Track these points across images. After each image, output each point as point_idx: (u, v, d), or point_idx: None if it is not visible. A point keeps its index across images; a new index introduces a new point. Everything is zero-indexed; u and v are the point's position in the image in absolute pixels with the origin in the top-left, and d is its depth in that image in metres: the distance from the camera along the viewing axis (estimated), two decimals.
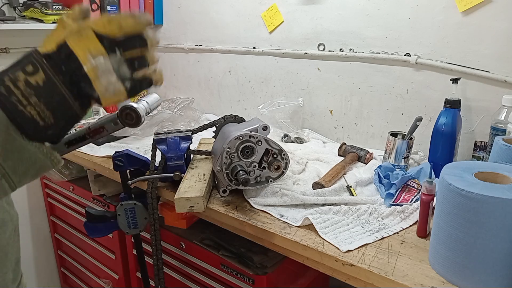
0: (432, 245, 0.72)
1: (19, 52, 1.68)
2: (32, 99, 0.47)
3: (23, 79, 0.48)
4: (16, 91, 0.47)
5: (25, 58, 0.49)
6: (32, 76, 0.48)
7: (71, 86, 0.49)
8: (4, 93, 0.46)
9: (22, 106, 0.46)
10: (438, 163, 1.03)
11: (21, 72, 0.48)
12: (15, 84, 0.47)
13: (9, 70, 0.48)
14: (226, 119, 1.11)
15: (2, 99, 0.46)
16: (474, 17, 1.09)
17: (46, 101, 0.48)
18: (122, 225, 1.15)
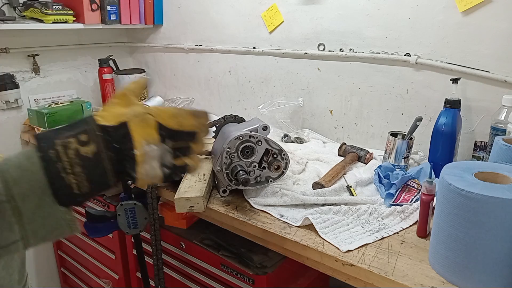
0: (432, 245, 0.72)
1: (19, 52, 1.69)
2: (76, 169, 0.47)
3: (74, 147, 0.47)
4: (64, 158, 0.46)
5: (82, 125, 0.49)
6: (84, 146, 0.48)
7: (115, 163, 0.50)
8: (52, 157, 0.46)
9: (65, 173, 0.46)
10: (438, 163, 1.03)
11: (74, 139, 0.48)
12: (65, 151, 0.47)
13: (62, 132, 0.48)
14: (226, 119, 1.11)
15: (48, 163, 0.45)
16: (474, 17, 1.09)
17: (89, 173, 0.48)
18: (122, 225, 1.15)
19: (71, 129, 0.49)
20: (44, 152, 0.46)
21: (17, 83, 1.67)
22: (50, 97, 1.82)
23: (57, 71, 1.85)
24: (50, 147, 0.46)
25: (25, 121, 1.72)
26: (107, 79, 1.88)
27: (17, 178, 0.43)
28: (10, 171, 0.43)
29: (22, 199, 0.43)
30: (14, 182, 0.43)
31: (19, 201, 0.43)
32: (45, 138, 0.47)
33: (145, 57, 2.07)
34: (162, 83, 2.04)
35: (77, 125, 0.49)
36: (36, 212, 0.45)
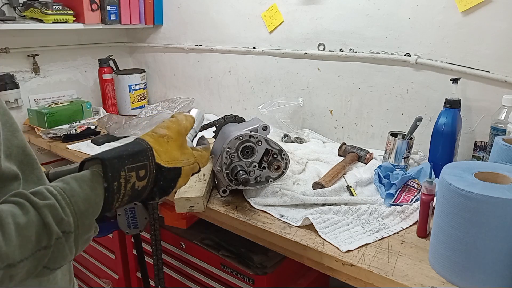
0: (432, 245, 0.72)
1: (19, 52, 1.69)
2: (124, 198, 0.53)
3: (133, 182, 0.53)
4: (122, 191, 0.52)
5: (142, 157, 0.55)
6: (139, 181, 0.54)
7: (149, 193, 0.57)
8: (114, 189, 0.51)
9: (116, 202, 0.52)
10: (438, 163, 1.03)
11: (135, 173, 0.53)
12: (126, 184, 0.52)
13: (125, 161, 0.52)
14: (226, 119, 1.11)
15: (109, 194, 0.50)
16: (474, 17, 1.09)
17: (129, 201, 0.54)
18: (122, 225, 1.15)
19: (132, 159, 0.53)
20: (109, 184, 0.50)
21: (17, 83, 1.67)
22: (50, 97, 1.82)
23: (57, 71, 1.85)
24: (115, 179, 0.51)
25: (25, 121, 1.73)
26: (107, 79, 1.88)
27: (84, 211, 0.47)
28: (78, 204, 0.47)
29: (84, 228, 0.47)
30: (81, 215, 0.47)
31: (82, 231, 0.47)
32: (112, 168, 0.51)
33: (145, 57, 2.07)
34: (162, 83, 2.04)
35: (137, 155, 0.54)
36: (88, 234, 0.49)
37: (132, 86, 1.84)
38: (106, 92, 1.90)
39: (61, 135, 1.53)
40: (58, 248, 0.44)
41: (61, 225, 0.44)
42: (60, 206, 0.45)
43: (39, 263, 0.43)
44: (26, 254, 0.41)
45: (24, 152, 0.51)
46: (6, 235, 0.39)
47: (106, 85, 1.89)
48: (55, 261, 0.45)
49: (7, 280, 0.40)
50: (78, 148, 1.44)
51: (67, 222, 0.45)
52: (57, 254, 0.44)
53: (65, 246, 0.45)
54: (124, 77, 1.83)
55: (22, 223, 0.41)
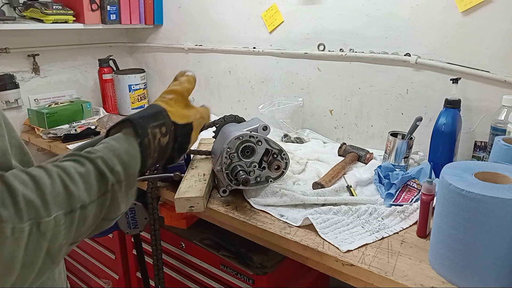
0: (432, 245, 0.72)
1: (19, 52, 1.69)
2: (155, 154, 0.61)
3: (158, 138, 0.61)
4: (152, 146, 0.59)
5: (160, 117, 0.62)
6: (163, 137, 0.62)
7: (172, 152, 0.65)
8: (146, 144, 0.58)
9: (150, 158, 0.59)
10: (438, 163, 1.03)
11: (158, 130, 0.61)
12: (154, 140, 0.60)
13: (149, 121, 0.60)
14: (226, 119, 1.11)
15: (143, 149, 0.58)
16: (474, 17, 1.09)
17: (158, 158, 0.62)
18: (122, 225, 1.15)
19: (154, 119, 0.61)
20: (142, 139, 0.58)
21: (17, 83, 1.67)
22: (50, 97, 1.82)
23: (57, 71, 1.85)
24: (145, 135, 0.58)
25: (25, 121, 1.72)
26: (107, 79, 1.88)
27: (127, 162, 0.53)
28: (122, 156, 0.53)
29: (130, 180, 0.53)
30: (126, 166, 0.53)
31: (129, 183, 0.53)
32: (140, 126, 0.58)
33: (145, 57, 2.07)
34: (162, 83, 2.04)
35: (157, 116, 0.62)
36: (133, 189, 0.55)
37: (132, 86, 1.84)
38: (106, 92, 1.90)
39: (61, 135, 1.53)
40: (113, 196, 0.50)
41: (113, 174, 0.50)
42: (108, 158, 0.51)
43: (102, 210, 0.49)
44: (92, 197, 0.47)
45: (22, 151, 0.53)
46: (74, 181, 0.45)
47: (106, 85, 1.89)
48: (111, 211, 0.51)
49: (82, 221, 0.46)
50: None
51: (117, 172, 0.51)
52: (112, 202, 0.50)
53: (118, 194, 0.51)
54: (124, 77, 1.83)
55: (83, 172, 0.47)
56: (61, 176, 0.44)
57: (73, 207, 0.44)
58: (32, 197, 0.40)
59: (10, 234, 0.37)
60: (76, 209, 0.44)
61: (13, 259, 0.38)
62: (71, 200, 0.44)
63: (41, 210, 0.40)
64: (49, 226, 0.41)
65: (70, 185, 0.44)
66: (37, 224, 0.39)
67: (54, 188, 0.42)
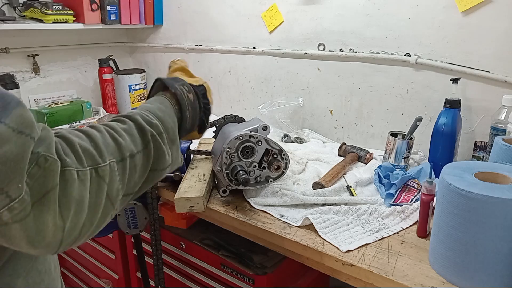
0: (432, 245, 0.72)
1: (19, 52, 1.69)
2: (189, 107, 0.69)
3: (186, 93, 0.69)
4: (186, 98, 0.69)
5: (180, 81, 0.72)
6: (189, 93, 0.71)
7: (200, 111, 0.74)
8: (179, 95, 0.68)
9: (186, 108, 0.68)
10: (438, 163, 1.03)
11: (183, 87, 0.70)
12: (183, 93, 0.69)
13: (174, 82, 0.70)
14: (226, 119, 1.11)
15: (180, 98, 0.67)
16: (474, 17, 1.09)
17: (192, 113, 0.70)
18: (122, 225, 1.15)
19: (176, 80, 0.71)
20: (175, 90, 0.67)
21: (17, 83, 1.67)
22: (50, 97, 1.82)
23: (57, 71, 1.85)
24: (175, 88, 0.68)
25: None
26: (107, 79, 1.88)
27: (162, 117, 0.60)
28: (156, 112, 0.60)
29: (170, 134, 0.60)
30: (162, 120, 0.60)
31: (170, 136, 0.60)
32: (168, 82, 0.69)
33: (145, 57, 2.07)
34: None
35: (176, 79, 0.71)
36: (175, 143, 0.61)
37: (132, 86, 1.84)
38: (106, 92, 1.90)
39: None
40: (156, 146, 0.56)
41: (152, 126, 0.57)
42: (144, 114, 0.58)
43: (149, 159, 0.55)
44: (138, 148, 0.53)
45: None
46: (120, 134, 0.52)
47: (106, 85, 1.89)
48: (158, 161, 0.57)
49: (133, 169, 0.52)
50: None
51: (155, 125, 0.57)
52: (157, 153, 0.56)
53: (161, 144, 0.57)
54: (124, 77, 1.83)
55: (126, 128, 0.54)
56: (108, 130, 0.51)
57: (123, 155, 0.50)
58: (88, 147, 0.46)
59: (77, 176, 0.43)
60: (126, 158, 0.51)
61: (82, 198, 0.43)
62: (121, 150, 0.50)
63: (97, 157, 0.46)
64: (106, 171, 0.47)
65: (118, 137, 0.51)
66: (95, 169, 0.46)
67: (105, 140, 0.49)
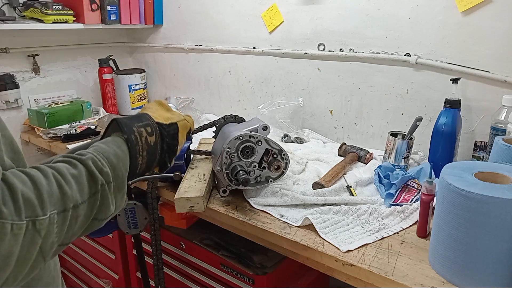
0: (432, 245, 0.72)
1: (19, 52, 1.69)
2: (144, 153, 0.64)
3: (145, 136, 0.64)
4: (139, 143, 0.63)
5: (145, 119, 0.67)
6: (149, 136, 0.65)
7: (162, 153, 0.69)
8: (133, 141, 0.62)
9: (139, 155, 0.63)
10: (438, 163, 1.03)
11: (144, 130, 0.65)
12: (140, 137, 0.63)
13: (133, 122, 0.64)
14: (226, 119, 1.11)
15: (131, 144, 0.61)
16: (474, 17, 1.09)
17: (148, 158, 0.65)
18: (122, 225, 1.15)
19: (139, 120, 0.65)
20: (128, 136, 0.61)
21: (17, 83, 1.67)
22: (50, 97, 1.82)
23: (57, 71, 1.85)
24: (131, 132, 0.62)
25: (25, 121, 1.72)
26: (107, 79, 1.88)
27: (116, 164, 0.56)
28: (110, 158, 0.56)
29: (118, 182, 0.56)
30: (114, 167, 0.55)
31: (118, 184, 0.56)
32: (126, 125, 0.62)
33: (145, 57, 2.07)
34: (162, 83, 2.04)
35: (141, 118, 0.66)
36: (121, 191, 0.57)
37: (132, 86, 1.84)
38: (106, 92, 1.90)
39: (61, 135, 1.53)
40: (103, 195, 0.53)
41: (103, 175, 0.53)
42: (97, 159, 0.53)
43: (92, 210, 0.51)
44: (84, 197, 0.49)
45: (13, 150, 0.54)
46: (67, 182, 0.48)
47: (106, 85, 1.89)
48: (101, 211, 0.53)
49: (73, 220, 0.48)
50: None
51: (106, 173, 0.53)
52: (102, 202, 0.53)
53: (108, 195, 0.53)
54: (124, 77, 1.83)
55: (75, 173, 0.50)
56: (56, 176, 0.47)
57: (66, 206, 0.46)
58: (30, 196, 0.42)
59: (10, 230, 0.39)
60: (69, 209, 0.47)
61: (10, 254, 0.40)
62: (65, 200, 0.46)
63: (38, 208, 0.43)
64: (44, 224, 0.43)
65: (64, 185, 0.47)
66: (33, 221, 0.42)
67: (50, 188, 0.45)
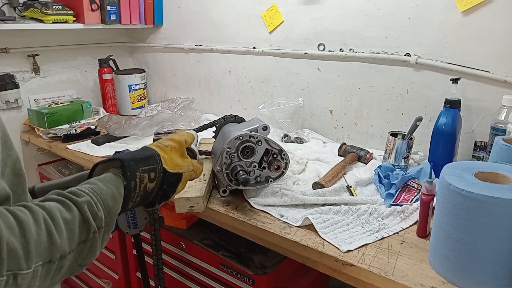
0: (432, 245, 0.72)
1: (19, 52, 1.69)
2: (137, 199, 0.60)
3: (145, 183, 0.60)
4: (137, 190, 0.59)
5: (152, 161, 0.63)
6: (150, 183, 0.61)
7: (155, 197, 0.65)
8: (131, 188, 0.58)
9: (131, 202, 0.59)
10: (438, 163, 1.03)
11: (147, 175, 0.60)
12: (140, 184, 0.59)
13: (139, 164, 0.60)
14: (226, 119, 1.11)
15: (127, 192, 0.57)
16: (474, 17, 1.09)
17: (140, 202, 0.61)
18: (122, 225, 1.15)
19: (145, 163, 0.61)
20: (128, 182, 0.57)
21: (17, 83, 1.67)
22: (50, 97, 1.82)
23: (57, 71, 1.85)
24: (132, 178, 0.58)
25: (25, 121, 1.73)
26: (107, 79, 1.88)
27: (111, 207, 0.53)
28: (107, 201, 0.52)
29: (109, 225, 0.53)
30: (109, 211, 0.52)
31: (108, 228, 0.52)
32: (129, 168, 0.58)
33: (145, 57, 2.07)
34: (162, 83, 2.04)
35: (148, 160, 0.62)
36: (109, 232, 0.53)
37: (132, 86, 1.84)
38: (106, 92, 1.90)
39: (61, 135, 1.53)
40: (92, 243, 0.49)
41: (96, 220, 0.49)
42: (93, 202, 0.50)
43: (78, 258, 0.47)
44: (72, 246, 0.45)
45: (15, 173, 0.50)
46: (58, 229, 0.44)
47: (106, 85, 1.89)
48: (87, 257, 0.49)
49: (57, 271, 0.44)
50: (78, 148, 1.44)
51: (100, 218, 0.50)
52: (90, 250, 0.49)
53: (97, 241, 0.49)
54: (124, 77, 1.83)
55: (68, 219, 0.46)
56: (46, 222, 0.43)
57: (53, 257, 0.43)
58: (16, 246, 0.39)
59: None
60: (55, 260, 0.43)
61: None
62: (52, 250, 0.43)
63: (22, 261, 0.39)
64: (26, 279, 0.40)
65: (54, 233, 0.43)
66: (14, 275, 0.38)
67: (38, 237, 0.41)
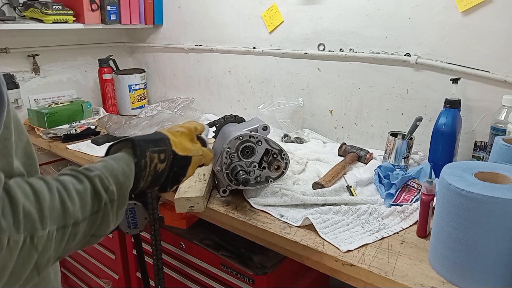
0: (432, 245, 0.72)
1: (19, 52, 1.69)
2: (148, 178, 0.62)
3: (155, 163, 0.63)
4: (147, 169, 0.62)
5: (162, 143, 0.66)
6: (160, 163, 0.64)
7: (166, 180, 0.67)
8: (142, 166, 0.61)
9: (142, 180, 0.61)
10: (438, 163, 1.03)
11: (157, 156, 0.63)
12: (150, 163, 0.62)
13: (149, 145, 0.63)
14: (226, 119, 1.11)
15: (138, 169, 0.60)
16: (474, 17, 1.09)
17: (151, 183, 0.64)
18: (122, 225, 1.15)
19: (155, 144, 0.64)
20: (138, 160, 0.60)
21: (17, 83, 1.67)
22: (50, 97, 1.82)
23: (57, 71, 1.85)
24: (143, 157, 0.61)
25: (25, 121, 1.72)
26: (107, 79, 1.88)
27: (122, 183, 0.55)
28: (118, 176, 0.55)
29: (122, 200, 0.55)
30: (120, 186, 0.55)
31: (121, 202, 0.55)
32: (140, 148, 0.61)
33: (145, 57, 2.07)
34: (162, 83, 2.04)
35: (159, 142, 0.65)
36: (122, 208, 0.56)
37: (132, 86, 1.84)
38: (106, 92, 1.90)
39: (61, 135, 1.53)
40: (105, 214, 0.52)
41: (108, 193, 0.52)
42: (105, 177, 0.53)
43: (92, 227, 0.50)
44: (85, 215, 0.48)
45: (27, 155, 0.53)
46: (71, 198, 0.47)
47: (106, 85, 1.89)
48: (101, 228, 0.52)
49: (72, 237, 0.47)
50: (78, 148, 1.44)
51: (111, 191, 0.53)
52: (103, 220, 0.52)
53: (110, 213, 0.52)
54: (124, 77, 1.83)
55: (80, 190, 0.49)
56: (60, 191, 0.46)
57: (66, 222, 0.46)
58: (31, 210, 0.41)
59: (6, 244, 0.38)
60: (68, 225, 0.46)
61: (4, 268, 0.39)
62: (66, 216, 0.46)
63: (37, 223, 0.42)
64: (42, 239, 0.42)
65: (67, 201, 0.46)
66: (31, 236, 0.41)
67: (52, 203, 0.44)
